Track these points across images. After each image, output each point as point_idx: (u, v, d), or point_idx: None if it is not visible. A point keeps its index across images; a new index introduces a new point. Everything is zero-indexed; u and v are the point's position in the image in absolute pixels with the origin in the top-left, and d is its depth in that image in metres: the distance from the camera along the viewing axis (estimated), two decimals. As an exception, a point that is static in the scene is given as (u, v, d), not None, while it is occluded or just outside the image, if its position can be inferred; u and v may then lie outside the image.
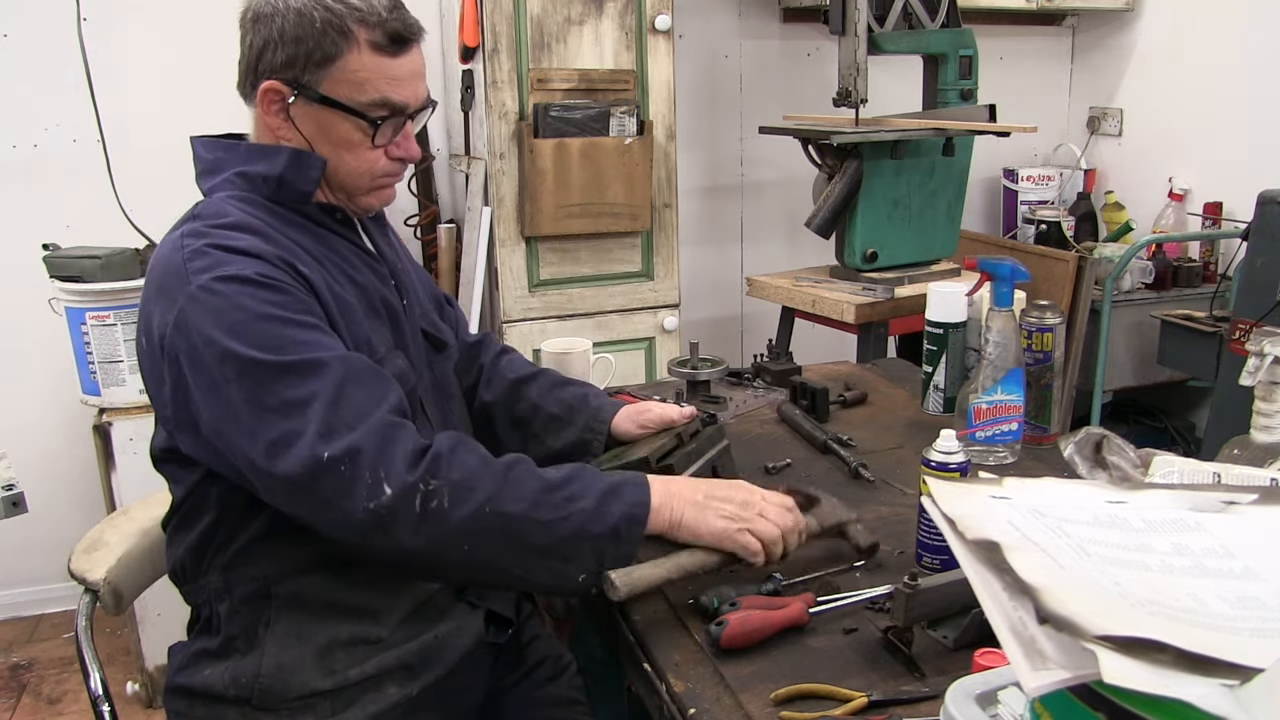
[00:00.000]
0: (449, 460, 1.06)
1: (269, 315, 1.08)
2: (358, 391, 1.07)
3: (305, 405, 1.05)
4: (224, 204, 1.19)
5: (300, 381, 1.05)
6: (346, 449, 1.03)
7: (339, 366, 1.07)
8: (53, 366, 2.68)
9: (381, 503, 1.03)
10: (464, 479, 1.05)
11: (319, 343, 1.09)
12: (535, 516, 1.07)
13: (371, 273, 1.29)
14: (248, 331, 1.07)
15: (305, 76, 1.18)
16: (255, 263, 1.11)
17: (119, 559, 1.40)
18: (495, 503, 1.06)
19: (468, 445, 1.10)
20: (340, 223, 1.28)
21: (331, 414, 1.04)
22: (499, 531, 1.07)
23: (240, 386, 1.06)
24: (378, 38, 1.17)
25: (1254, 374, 1.19)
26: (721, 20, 3.33)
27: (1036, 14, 3.47)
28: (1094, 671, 0.52)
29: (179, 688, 1.24)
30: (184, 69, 2.77)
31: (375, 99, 1.19)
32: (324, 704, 1.20)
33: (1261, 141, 3.05)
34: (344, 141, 1.21)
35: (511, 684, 1.41)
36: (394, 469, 1.04)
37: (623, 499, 1.12)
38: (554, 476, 1.11)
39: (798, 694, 0.99)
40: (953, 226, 2.88)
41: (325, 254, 1.23)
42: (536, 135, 2.58)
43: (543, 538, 1.08)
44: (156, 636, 2.45)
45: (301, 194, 1.22)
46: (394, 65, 1.19)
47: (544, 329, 2.71)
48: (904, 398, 1.88)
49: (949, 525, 0.66)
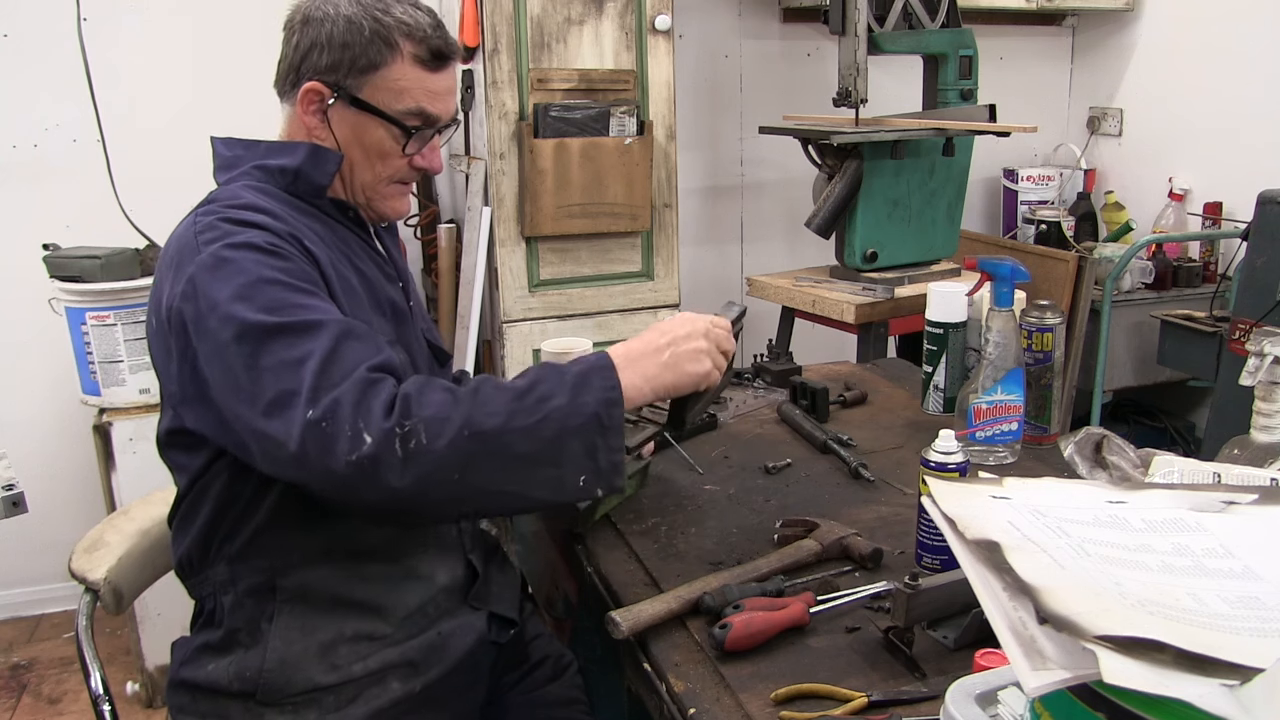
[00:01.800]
0: (419, 399, 1.06)
1: (272, 279, 1.10)
2: (349, 350, 1.08)
3: (300, 364, 1.05)
4: (239, 190, 1.22)
5: (298, 341, 1.06)
6: (327, 407, 1.03)
7: (335, 327, 1.08)
8: (53, 366, 2.68)
9: (363, 453, 1.02)
10: (436, 413, 1.05)
11: (317, 307, 1.11)
12: (513, 425, 1.06)
13: (379, 270, 1.32)
14: (250, 294, 1.08)
15: (347, 80, 1.23)
16: (263, 233, 1.14)
17: (119, 559, 1.40)
18: (471, 424, 1.05)
19: (433, 383, 1.09)
20: (353, 220, 1.32)
21: (322, 373, 1.05)
22: (483, 452, 1.05)
23: (240, 350, 1.07)
24: (421, 52, 1.23)
25: (1254, 374, 1.19)
26: (721, 20, 3.33)
27: (1036, 14, 3.47)
28: (1094, 671, 0.52)
29: (182, 682, 1.24)
30: (184, 69, 2.77)
31: (412, 108, 1.25)
32: (327, 698, 1.20)
33: (1261, 141, 3.05)
34: (375, 146, 1.26)
35: (513, 683, 1.41)
36: (372, 418, 1.03)
37: (593, 386, 1.10)
38: (521, 384, 1.10)
39: (798, 694, 0.99)
40: (953, 226, 2.88)
41: (334, 241, 1.26)
42: (536, 135, 2.58)
43: (527, 445, 1.06)
44: (157, 636, 2.45)
45: (317, 186, 1.26)
46: (432, 79, 1.25)
47: (544, 329, 2.71)
48: (904, 398, 1.88)
49: (949, 525, 0.66)
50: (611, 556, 1.31)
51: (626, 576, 1.26)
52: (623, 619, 1.09)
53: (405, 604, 1.25)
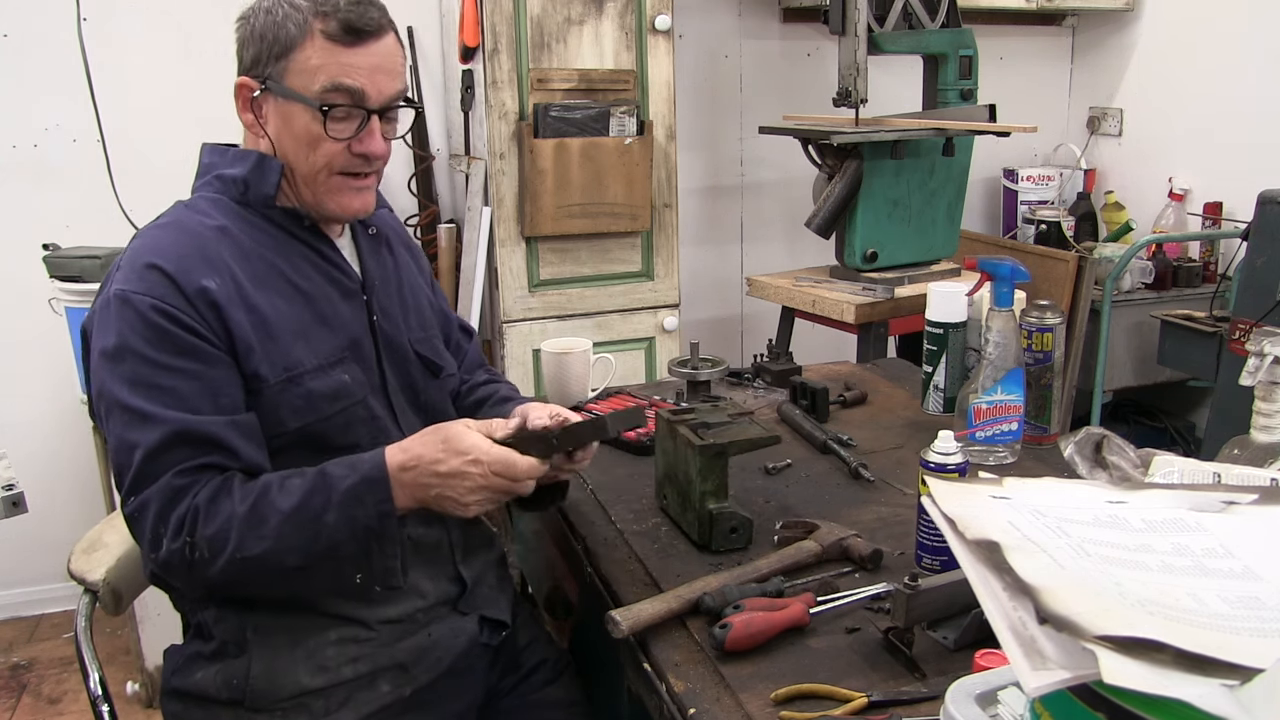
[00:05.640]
0: (206, 513, 1.12)
1: (138, 352, 1.14)
2: (171, 452, 1.13)
3: (132, 450, 1.14)
4: (192, 203, 1.27)
5: (134, 425, 1.14)
6: (136, 507, 1.14)
7: (166, 426, 1.13)
8: (52, 366, 2.68)
9: (160, 558, 1.13)
10: (215, 532, 1.12)
11: (171, 391, 1.14)
12: (282, 546, 1.13)
13: (328, 282, 1.28)
14: (118, 357, 1.15)
15: (268, 70, 1.21)
16: (160, 285, 1.16)
17: (118, 559, 1.40)
18: (242, 549, 1.12)
19: (228, 491, 1.14)
20: (308, 230, 1.29)
21: (144, 466, 1.13)
22: (256, 571, 1.13)
23: (99, 402, 1.17)
24: (330, 27, 1.19)
25: (1254, 374, 1.19)
26: (721, 20, 3.33)
27: (1036, 14, 3.47)
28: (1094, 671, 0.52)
29: (174, 690, 1.25)
30: (184, 69, 2.77)
31: (326, 85, 1.19)
32: (317, 703, 1.20)
33: (1261, 141, 3.05)
34: (304, 134, 1.22)
35: (510, 686, 1.41)
36: (166, 530, 1.12)
37: (366, 502, 1.14)
38: (292, 502, 1.13)
39: (798, 694, 0.99)
40: (953, 226, 2.88)
41: (273, 259, 1.24)
42: (536, 135, 2.58)
43: (299, 559, 1.14)
44: (156, 636, 2.45)
45: (264, 197, 1.25)
46: (348, 54, 1.20)
47: (544, 329, 2.71)
48: (904, 398, 1.88)
49: (949, 525, 0.66)
50: (611, 556, 1.31)
51: (626, 576, 1.26)
52: (623, 618, 1.09)
53: (388, 614, 1.25)
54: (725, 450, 1.29)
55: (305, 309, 1.24)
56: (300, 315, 1.23)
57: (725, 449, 1.29)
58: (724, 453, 1.29)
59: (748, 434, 1.32)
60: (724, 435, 1.30)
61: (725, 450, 1.29)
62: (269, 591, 1.19)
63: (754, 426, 1.36)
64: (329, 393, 1.22)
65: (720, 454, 1.29)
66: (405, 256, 1.45)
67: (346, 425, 1.24)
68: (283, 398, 1.19)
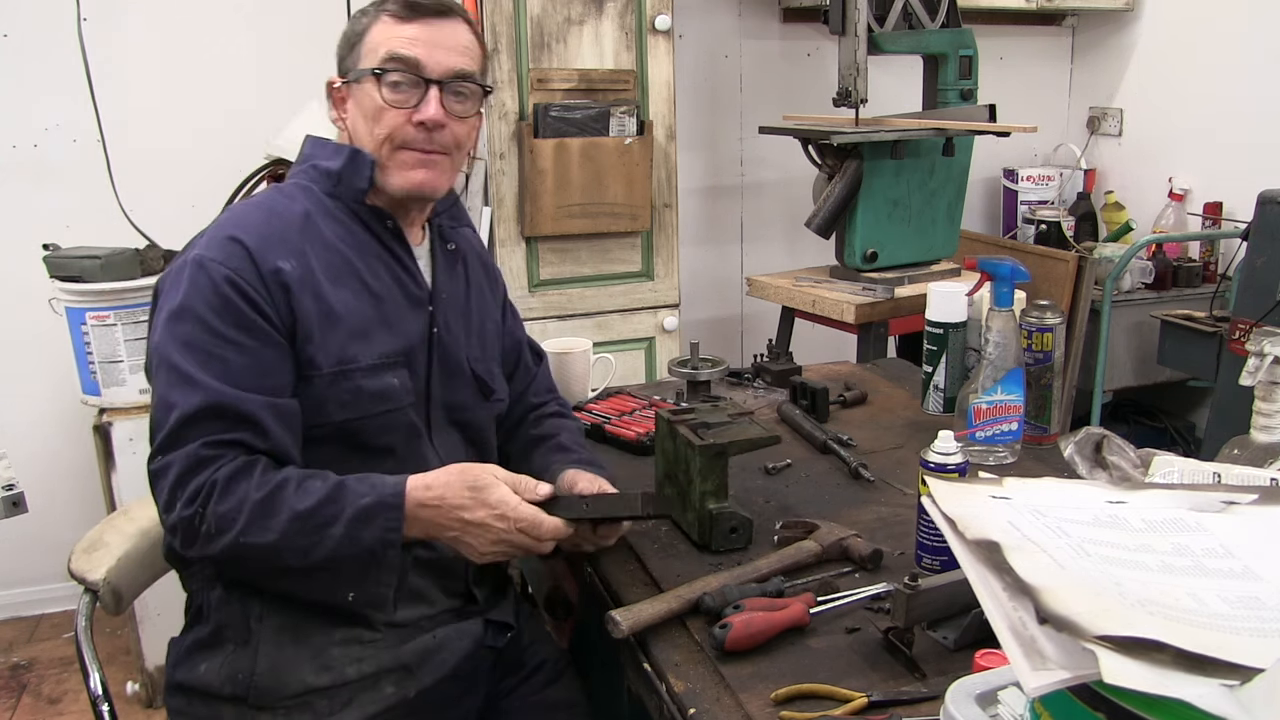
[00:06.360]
0: (222, 490, 1.13)
1: (201, 319, 1.17)
2: (205, 421, 1.15)
3: (171, 409, 1.15)
4: (284, 188, 1.30)
5: (177, 385, 1.15)
6: (159, 467, 1.16)
7: (208, 395, 1.15)
8: (53, 366, 2.68)
9: (170, 521, 1.16)
10: (226, 511, 1.13)
11: (222, 360, 1.16)
12: (285, 545, 1.13)
13: (397, 286, 1.30)
14: (179, 317, 1.17)
15: (346, 64, 1.31)
16: (238, 257, 1.18)
17: (119, 559, 1.40)
18: (246, 535, 1.13)
19: (248, 474, 1.14)
20: (389, 231, 1.31)
21: (177, 429, 1.14)
22: (256, 560, 1.15)
23: (155, 355, 1.20)
24: (394, 8, 1.27)
25: (1254, 374, 1.19)
26: (721, 20, 3.33)
27: (1036, 14, 3.47)
28: (1094, 671, 0.52)
29: (178, 685, 1.25)
30: (184, 69, 2.77)
31: (385, 56, 1.25)
32: (321, 702, 1.20)
33: (1261, 141, 3.05)
34: (369, 107, 1.27)
35: (511, 687, 1.40)
36: (182, 495, 1.13)
37: (375, 523, 1.15)
38: (306, 505, 1.14)
39: (798, 694, 0.99)
40: (953, 226, 2.88)
41: (350, 254, 1.26)
42: (536, 135, 2.58)
43: (297, 561, 1.14)
44: (156, 636, 2.45)
45: (356, 190, 1.28)
46: (407, 27, 1.26)
47: (544, 329, 2.70)
48: (904, 398, 1.88)
49: (949, 525, 0.66)
50: (611, 556, 1.31)
51: (626, 576, 1.26)
52: (623, 618, 1.09)
53: (394, 618, 1.25)
54: (725, 450, 1.29)
55: (371, 308, 1.26)
56: (365, 313, 1.25)
57: (725, 449, 1.29)
58: (724, 453, 1.29)
59: (748, 434, 1.33)
60: (724, 435, 1.31)
61: (725, 450, 1.29)
62: (267, 582, 1.21)
63: (754, 426, 1.36)
64: (376, 393, 1.24)
65: (720, 454, 1.29)
66: (480, 277, 1.46)
67: (386, 427, 1.26)
68: (331, 390, 1.21)
